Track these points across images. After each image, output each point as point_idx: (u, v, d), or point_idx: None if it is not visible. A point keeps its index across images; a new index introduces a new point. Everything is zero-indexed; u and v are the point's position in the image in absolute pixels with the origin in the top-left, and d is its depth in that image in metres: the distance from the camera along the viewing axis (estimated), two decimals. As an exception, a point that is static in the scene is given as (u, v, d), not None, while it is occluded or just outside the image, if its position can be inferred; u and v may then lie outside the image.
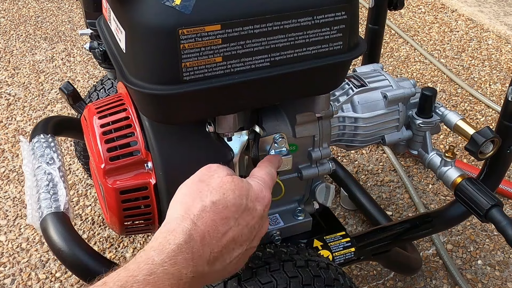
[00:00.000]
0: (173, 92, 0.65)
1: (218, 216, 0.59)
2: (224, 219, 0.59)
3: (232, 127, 0.76)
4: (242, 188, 0.63)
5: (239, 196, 0.62)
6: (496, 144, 0.98)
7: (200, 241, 0.56)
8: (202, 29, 0.63)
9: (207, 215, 0.58)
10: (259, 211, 0.64)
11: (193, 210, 0.58)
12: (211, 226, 0.58)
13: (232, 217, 0.60)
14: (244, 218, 0.62)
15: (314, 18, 0.68)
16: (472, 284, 1.30)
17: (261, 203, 0.65)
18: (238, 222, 0.61)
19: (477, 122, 1.87)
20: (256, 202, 0.64)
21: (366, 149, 1.75)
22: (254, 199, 0.64)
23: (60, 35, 2.47)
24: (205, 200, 0.59)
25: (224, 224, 0.59)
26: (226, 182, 0.62)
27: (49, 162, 0.89)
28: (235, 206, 0.61)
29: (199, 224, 0.57)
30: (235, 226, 0.60)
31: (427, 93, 0.98)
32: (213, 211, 0.59)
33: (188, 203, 0.60)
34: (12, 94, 2.04)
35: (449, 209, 1.12)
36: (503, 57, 2.26)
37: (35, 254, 1.37)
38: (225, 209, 0.60)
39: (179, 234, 0.55)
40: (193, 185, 0.62)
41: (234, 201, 0.61)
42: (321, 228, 1.03)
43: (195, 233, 0.56)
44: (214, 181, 0.62)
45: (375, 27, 1.33)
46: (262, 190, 0.66)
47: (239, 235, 0.61)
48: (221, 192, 0.61)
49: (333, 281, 0.80)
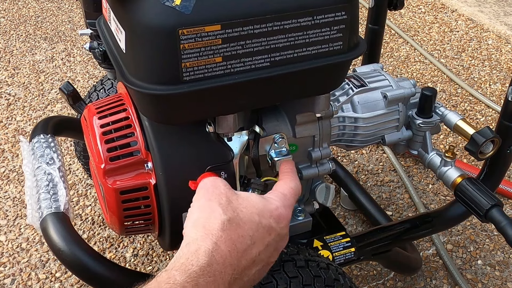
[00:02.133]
0: (173, 92, 0.65)
1: (235, 235, 0.58)
2: (240, 237, 0.58)
3: (232, 127, 0.76)
4: (254, 206, 0.62)
5: (250, 214, 0.60)
6: (496, 144, 0.98)
7: (222, 263, 0.55)
8: (202, 29, 0.63)
9: (226, 234, 0.57)
10: (275, 228, 0.62)
11: (212, 230, 0.57)
12: (231, 245, 0.57)
13: (247, 235, 0.59)
14: (259, 236, 0.60)
15: (314, 18, 0.68)
16: (472, 284, 1.30)
17: (276, 220, 0.63)
18: (253, 240, 0.59)
19: (477, 122, 1.87)
20: (270, 219, 0.62)
21: (366, 149, 1.75)
22: (268, 216, 0.62)
23: (60, 35, 2.47)
24: (222, 218, 0.58)
25: (242, 243, 0.58)
26: (236, 199, 0.61)
27: (49, 162, 0.89)
28: (248, 223, 0.60)
29: (220, 243, 0.56)
30: (252, 244, 0.59)
31: (427, 93, 0.98)
32: (229, 230, 0.58)
33: (205, 223, 0.58)
34: (12, 94, 2.04)
35: (449, 209, 1.12)
36: (503, 57, 2.26)
37: (35, 254, 1.37)
38: (239, 227, 0.59)
39: (202, 256, 0.54)
40: (203, 205, 0.61)
41: (246, 219, 0.60)
42: (321, 228, 1.03)
43: (217, 254, 0.55)
44: (222, 199, 0.61)
45: (375, 27, 1.33)
46: (277, 208, 0.64)
47: (256, 253, 0.60)
48: (231, 209, 0.60)
49: (333, 281, 0.80)
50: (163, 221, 0.81)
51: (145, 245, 1.40)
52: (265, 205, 0.63)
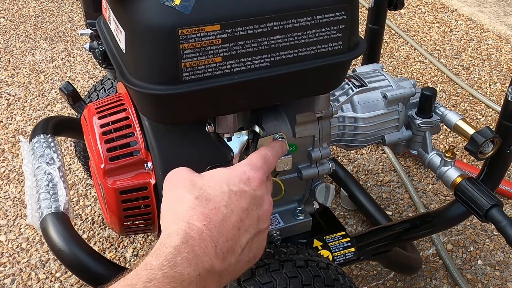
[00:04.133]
0: (173, 92, 0.65)
1: (207, 209, 0.58)
2: (214, 209, 0.58)
3: (231, 127, 0.76)
4: (219, 177, 0.62)
5: (218, 185, 0.60)
6: (496, 144, 0.98)
7: (199, 237, 0.55)
8: (201, 29, 0.63)
9: (197, 211, 0.57)
10: (247, 191, 0.62)
11: (182, 212, 0.57)
12: (205, 219, 0.57)
13: (220, 206, 0.59)
14: (233, 203, 0.60)
15: (314, 18, 0.68)
16: (472, 284, 1.30)
17: (246, 183, 0.62)
18: (230, 208, 0.59)
19: (477, 122, 1.87)
20: (240, 184, 0.62)
21: (366, 149, 1.75)
22: (238, 182, 0.62)
23: (60, 35, 2.47)
24: (189, 199, 0.58)
25: (217, 214, 0.58)
26: (200, 179, 0.61)
27: (49, 162, 0.89)
28: (218, 195, 0.60)
29: (193, 221, 0.56)
30: (229, 213, 0.59)
31: (427, 93, 0.98)
32: (199, 206, 0.58)
33: (173, 209, 0.59)
34: (12, 94, 2.04)
35: (449, 209, 1.12)
36: (503, 57, 2.26)
37: (35, 254, 1.37)
38: (210, 201, 0.59)
39: (174, 236, 0.54)
40: (169, 196, 0.61)
41: (215, 191, 0.60)
42: (321, 228, 1.03)
43: (191, 231, 0.55)
44: (186, 183, 0.61)
45: (375, 27, 1.33)
46: (245, 172, 0.64)
47: (237, 220, 0.59)
48: (198, 189, 0.60)
49: (333, 281, 0.80)
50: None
51: (145, 245, 1.40)
52: (230, 173, 0.63)
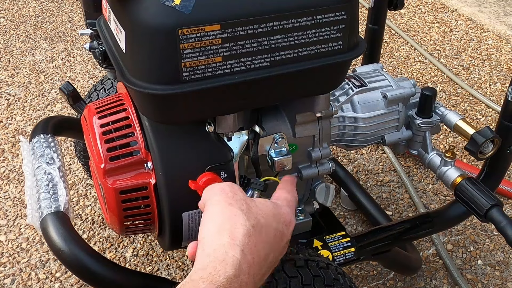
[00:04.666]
0: (173, 92, 0.65)
1: (258, 241, 0.57)
2: (263, 243, 0.58)
3: (231, 127, 0.76)
4: (270, 211, 0.62)
5: (268, 220, 0.60)
6: (496, 144, 0.98)
7: (248, 271, 0.55)
8: (201, 29, 0.63)
9: (251, 240, 0.57)
10: (286, 234, 0.63)
11: (238, 236, 0.56)
12: (255, 253, 0.57)
13: (267, 241, 0.59)
14: (275, 242, 0.60)
15: (314, 18, 0.68)
16: (472, 284, 1.30)
17: (287, 227, 0.63)
18: (272, 246, 0.60)
19: (477, 122, 1.87)
20: (283, 225, 0.62)
21: (366, 149, 1.75)
22: (282, 222, 0.62)
23: (60, 35, 2.47)
24: (246, 224, 0.57)
25: (264, 248, 0.58)
26: (254, 205, 0.61)
27: (49, 162, 0.89)
28: (268, 229, 0.60)
29: (246, 251, 0.55)
30: (270, 251, 0.59)
31: (427, 93, 0.98)
32: (253, 236, 0.57)
33: (231, 229, 0.57)
34: (12, 94, 2.04)
35: (449, 209, 1.12)
36: (503, 57, 2.26)
37: (35, 254, 1.37)
38: (261, 234, 0.58)
39: (229, 266, 0.53)
40: (226, 210, 0.59)
41: (266, 225, 0.59)
42: (321, 228, 1.03)
43: (244, 263, 0.55)
44: (243, 205, 0.60)
45: (375, 27, 1.33)
46: (288, 213, 0.64)
47: (273, 258, 0.60)
48: (253, 216, 0.59)
49: (333, 281, 0.80)
50: (163, 221, 0.81)
51: (145, 245, 1.40)
52: (278, 211, 0.63)
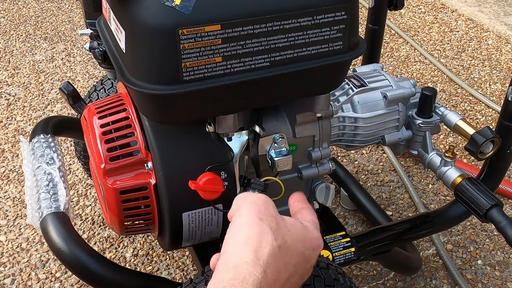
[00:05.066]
0: (173, 92, 0.65)
1: (282, 262, 0.56)
2: (286, 265, 0.56)
3: (232, 127, 0.76)
4: (298, 233, 0.60)
5: (296, 242, 0.58)
6: (496, 144, 0.98)
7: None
8: (202, 29, 0.63)
9: (274, 261, 0.55)
10: (313, 259, 0.61)
11: (263, 256, 0.54)
12: (276, 274, 0.55)
13: (291, 264, 0.57)
14: (300, 265, 0.59)
15: (314, 18, 0.68)
16: (472, 284, 1.30)
17: (315, 252, 0.61)
18: (295, 269, 0.58)
19: (477, 122, 1.87)
20: (310, 250, 0.61)
21: (366, 149, 1.75)
22: (309, 246, 0.60)
23: (60, 35, 2.47)
24: (273, 244, 0.55)
25: (286, 271, 0.56)
26: (284, 225, 0.59)
27: (49, 162, 0.89)
28: (294, 252, 0.58)
29: (268, 272, 0.54)
30: (293, 273, 0.57)
31: (427, 93, 0.98)
32: (278, 257, 0.55)
33: (256, 246, 0.55)
34: (12, 94, 2.04)
35: (449, 209, 1.12)
36: (503, 57, 2.26)
37: (35, 254, 1.37)
38: (286, 255, 0.57)
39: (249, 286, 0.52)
40: (255, 224, 0.57)
41: (293, 247, 0.58)
42: (321, 228, 1.03)
43: (264, 284, 0.53)
44: (273, 222, 0.58)
45: (375, 27, 1.33)
46: (318, 238, 0.62)
47: (295, 281, 0.58)
48: (281, 235, 0.57)
49: (333, 281, 0.80)
50: (163, 221, 0.81)
51: (145, 245, 1.40)
52: (306, 235, 0.61)
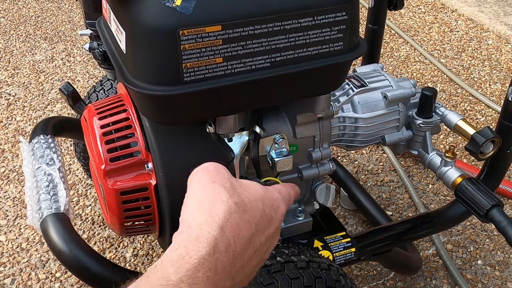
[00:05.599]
0: (174, 93, 0.65)
1: (241, 220, 0.53)
2: (247, 222, 0.53)
3: (232, 127, 0.76)
4: (257, 192, 0.58)
5: (255, 200, 0.56)
6: (496, 144, 0.98)
7: (226, 251, 0.50)
8: (202, 30, 0.63)
9: (232, 217, 0.52)
10: (274, 219, 0.58)
11: (218, 213, 0.51)
12: (236, 231, 0.52)
13: (252, 221, 0.54)
14: (262, 224, 0.56)
15: (315, 19, 0.68)
16: (472, 284, 1.30)
17: (276, 212, 0.59)
18: (258, 228, 0.55)
19: (477, 122, 1.87)
20: (271, 209, 0.58)
21: (366, 149, 1.75)
22: (270, 206, 0.58)
23: (60, 35, 2.47)
24: (228, 201, 0.53)
25: (248, 228, 0.53)
26: (239, 185, 0.57)
27: (49, 163, 0.89)
28: (254, 209, 0.55)
29: (226, 229, 0.50)
30: (256, 232, 0.54)
31: (427, 93, 0.98)
32: (236, 213, 0.52)
33: (209, 205, 0.52)
34: (12, 94, 2.04)
35: (449, 209, 1.12)
36: (503, 57, 2.26)
37: (35, 254, 1.37)
38: (245, 212, 0.54)
39: (203, 244, 0.48)
40: (208, 186, 0.55)
41: (251, 205, 0.55)
42: (322, 229, 1.03)
43: (221, 241, 0.49)
44: (227, 183, 0.55)
45: (375, 27, 1.33)
46: (278, 199, 0.60)
47: (258, 243, 0.55)
48: (237, 194, 0.55)
49: (335, 282, 0.80)
50: (163, 221, 0.80)
51: (145, 245, 1.40)
52: (266, 193, 0.59)
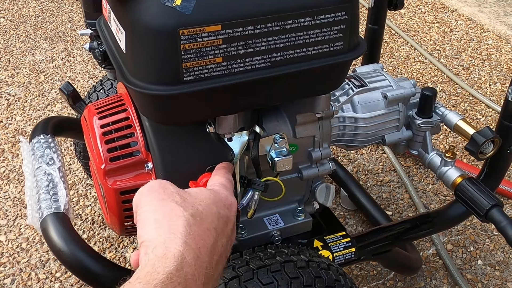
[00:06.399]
0: (174, 92, 0.65)
1: (201, 229, 0.54)
2: (207, 230, 0.54)
3: (232, 127, 0.76)
4: (208, 198, 0.59)
5: (208, 206, 0.57)
6: (496, 144, 0.98)
7: (194, 263, 0.50)
8: (202, 30, 0.63)
9: (193, 229, 0.52)
10: (229, 217, 0.60)
11: (178, 228, 0.52)
12: (200, 241, 0.52)
13: (211, 228, 0.55)
14: (220, 227, 0.57)
15: (315, 19, 0.68)
16: (472, 284, 1.30)
17: (229, 210, 0.61)
18: (218, 232, 0.56)
19: (477, 122, 1.87)
20: (225, 209, 0.60)
21: (366, 149, 1.75)
22: (223, 206, 0.60)
23: (60, 35, 2.47)
24: (184, 214, 0.53)
25: (209, 236, 0.54)
26: (188, 195, 0.58)
27: (49, 163, 0.89)
28: (210, 216, 0.56)
29: (190, 242, 0.51)
30: (217, 236, 0.55)
31: (427, 93, 0.98)
32: (195, 225, 0.53)
33: (167, 223, 0.52)
34: (12, 94, 2.04)
35: (449, 209, 1.12)
36: (503, 57, 2.26)
37: (35, 254, 1.37)
38: (203, 221, 0.55)
39: (170, 260, 0.48)
40: (160, 206, 0.55)
41: (206, 212, 0.56)
42: (321, 228, 1.03)
43: (188, 254, 0.50)
44: (176, 197, 0.56)
45: (375, 27, 1.33)
46: (227, 197, 0.62)
47: (221, 245, 0.56)
48: (190, 205, 0.55)
49: (334, 282, 0.80)
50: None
51: (145, 245, 1.40)
52: (216, 196, 0.61)
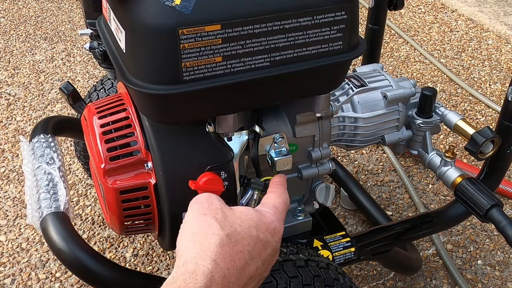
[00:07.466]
0: (173, 92, 0.65)
1: (234, 251, 0.55)
2: (239, 253, 0.56)
3: (232, 127, 0.76)
4: (251, 220, 0.60)
5: (248, 228, 0.58)
6: (496, 144, 0.98)
7: (221, 283, 0.52)
8: (202, 29, 0.63)
9: (224, 250, 0.54)
10: (271, 242, 0.61)
11: (210, 247, 0.54)
12: (230, 262, 0.54)
13: (245, 250, 0.57)
14: (256, 250, 0.58)
15: (314, 18, 0.68)
16: (472, 284, 1.30)
17: (272, 234, 0.61)
18: (252, 256, 0.57)
19: (477, 122, 1.87)
20: (267, 233, 0.60)
21: (366, 149, 1.75)
22: (265, 230, 0.60)
23: (60, 35, 2.47)
24: (219, 233, 0.55)
25: (241, 259, 0.56)
26: (232, 214, 0.59)
27: (49, 162, 0.89)
28: (247, 238, 0.58)
29: (219, 261, 0.53)
30: (250, 260, 0.57)
31: (427, 93, 0.98)
32: (228, 246, 0.55)
33: (201, 239, 0.55)
34: (12, 94, 2.04)
35: (449, 209, 1.12)
36: (503, 57, 2.26)
37: (35, 254, 1.37)
38: (238, 243, 0.56)
39: (200, 277, 0.51)
40: (199, 220, 0.57)
41: (244, 233, 0.57)
42: (321, 228, 1.03)
43: (216, 273, 0.52)
44: (218, 214, 0.58)
45: (375, 27, 1.33)
46: (273, 221, 0.62)
47: (254, 268, 0.57)
48: (229, 224, 0.57)
49: (333, 281, 0.80)
50: (163, 221, 0.81)
51: (145, 245, 1.40)
52: (260, 219, 0.61)
